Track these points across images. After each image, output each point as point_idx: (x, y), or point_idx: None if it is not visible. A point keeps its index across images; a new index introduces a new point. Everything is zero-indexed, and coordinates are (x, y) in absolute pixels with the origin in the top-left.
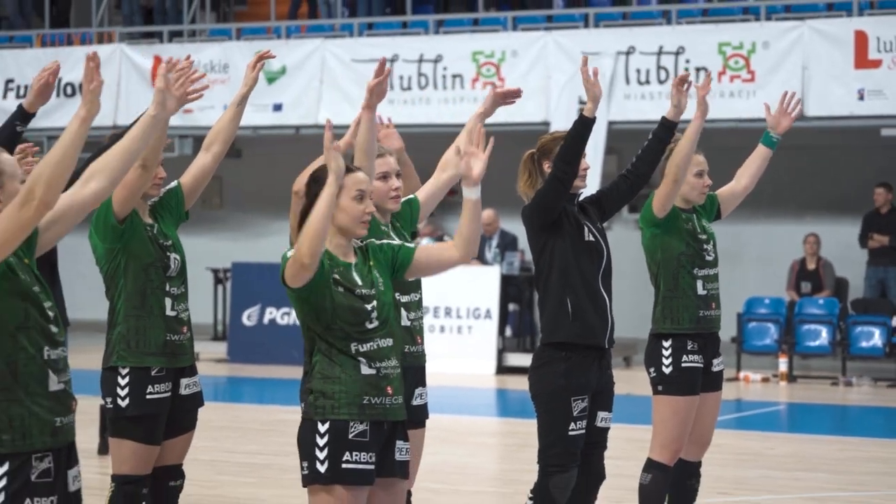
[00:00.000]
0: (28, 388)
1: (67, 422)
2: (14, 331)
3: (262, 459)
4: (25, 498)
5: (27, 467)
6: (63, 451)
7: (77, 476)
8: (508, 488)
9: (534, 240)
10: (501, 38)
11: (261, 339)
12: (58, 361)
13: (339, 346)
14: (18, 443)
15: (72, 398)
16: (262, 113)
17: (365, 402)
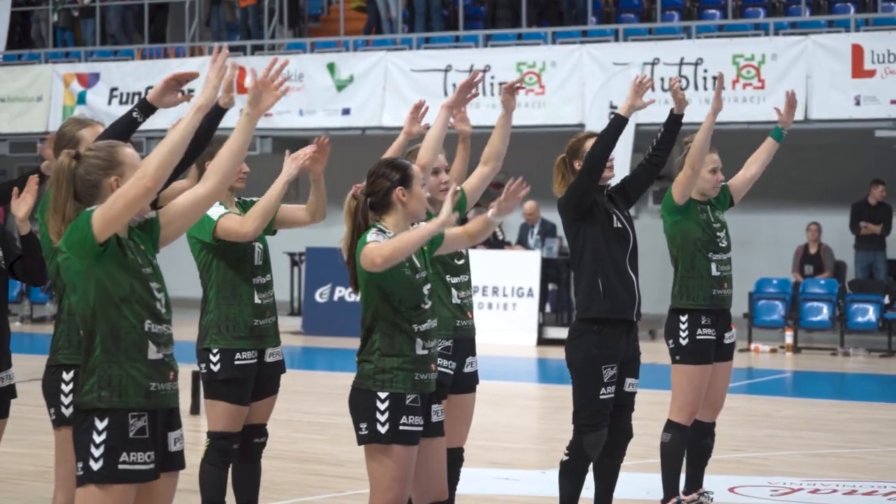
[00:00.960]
0: (128, 354)
1: (164, 388)
2: (119, 302)
3: (332, 419)
4: (122, 451)
5: (125, 424)
6: (161, 414)
7: (179, 438)
8: (548, 445)
9: (569, 228)
10: (542, 51)
11: (331, 315)
12: (160, 335)
13: (403, 327)
14: (115, 400)
15: (170, 369)
16: (332, 116)
17: (416, 379)
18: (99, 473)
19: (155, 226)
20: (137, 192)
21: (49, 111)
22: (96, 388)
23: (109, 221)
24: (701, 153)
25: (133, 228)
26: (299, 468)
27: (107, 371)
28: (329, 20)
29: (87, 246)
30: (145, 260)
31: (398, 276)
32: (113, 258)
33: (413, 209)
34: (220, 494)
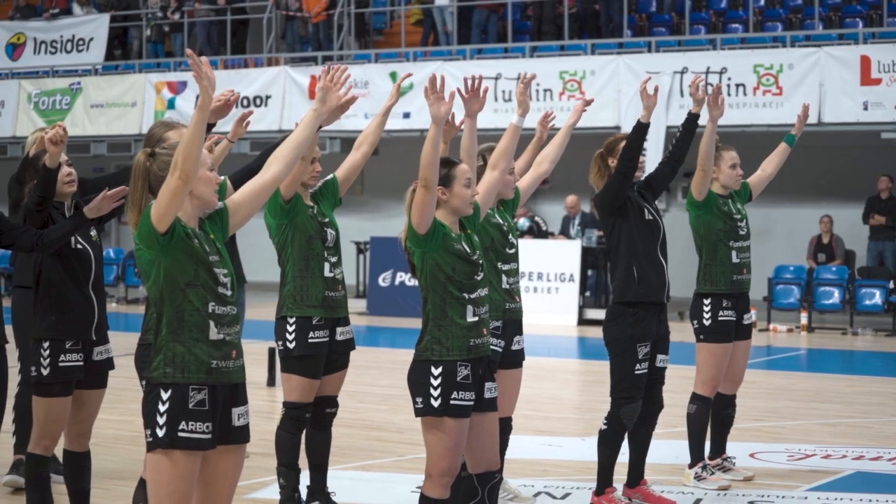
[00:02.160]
0: (191, 334)
1: (225, 366)
2: (184, 286)
3: (394, 391)
4: (182, 421)
5: (185, 396)
6: (223, 389)
7: (243, 414)
8: (587, 415)
9: (604, 221)
10: (582, 61)
11: (393, 297)
12: (223, 317)
13: (455, 295)
14: (178, 375)
15: (233, 347)
16: (394, 119)
17: (471, 344)
18: (161, 440)
19: (224, 214)
20: (175, 184)
21: (142, 115)
22: (162, 365)
23: (161, 213)
24: (708, 155)
25: (204, 220)
26: (365, 435)
27: (171, 349)
28: (392, 33)
29: (152, 236)
30: (213, 248)
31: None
32: (178, 247)
33: (454, 206)
34: (294, 458)
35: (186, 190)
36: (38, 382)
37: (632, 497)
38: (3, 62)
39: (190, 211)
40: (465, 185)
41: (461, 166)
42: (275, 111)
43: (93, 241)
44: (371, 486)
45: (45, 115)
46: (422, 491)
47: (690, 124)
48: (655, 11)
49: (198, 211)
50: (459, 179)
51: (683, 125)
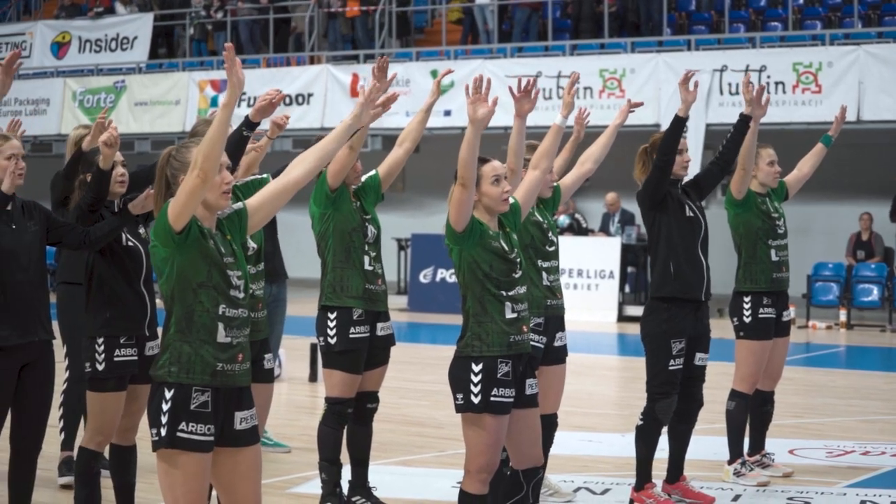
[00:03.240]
0: (199, 335)
1: (231, 369)
2: (196, 286)
3: (435, 387)
4: (182, 421)
5: (188, 397)
6: (226, 393)
7: (246, 418)
8: (626, 411)
9: (645, 217)
10: (622, 59)
11: (433, 294)
12: (233, 319)
13: (493, 292)
14: (182, 375)
15: (240, 351)
16: (435, 117)
17: (511, 340)
18: (163, 440)
19: (243, 215)
20: (193, 183)
21: (186, 113)
22: (167, 364)
23: (178, 212)
24: (749, 155)
25: (222, 220)
26: (405, 430)
27: (178, 348)
28: (432, 32)
29: (167, 234)
30: (228, 249)
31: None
32: (193, 247)
33: (485, 204)
34: (335, 453)
35: (204, 189)
36: (93, 378)
37: (671, 493)
38: (48, 61)
39: (204, 211)
40: (493, 183)
41: (486, 165)
42: (317, 109)
43: (143, 239)
44: (412, 482)
45: (90, 114)
46: (461, 486)
47: (742, 125)
48: (695, 10)
49: (212, 212)
50: (486, 178)
51: (735, 126)
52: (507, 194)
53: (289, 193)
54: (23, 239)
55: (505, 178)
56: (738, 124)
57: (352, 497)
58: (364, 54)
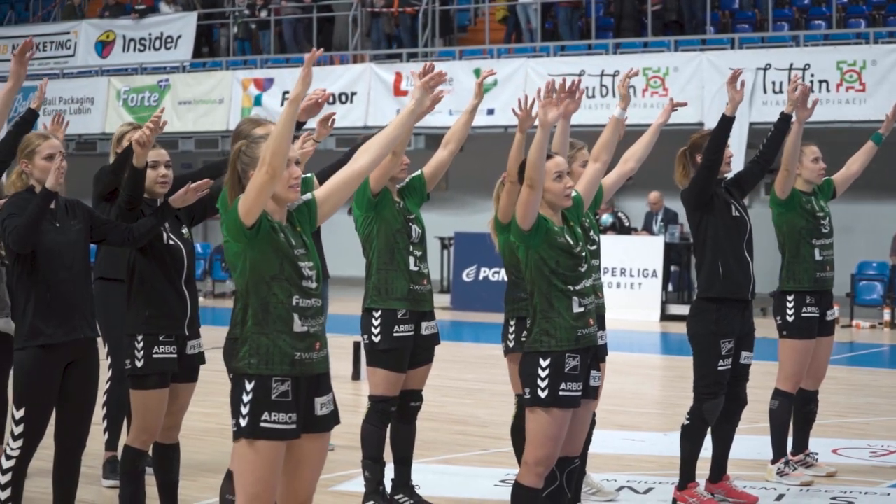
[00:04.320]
0: (275, 326)
1: (309, 357)
2: (269, 279)
3: (477, 385)
4: (264, 412)
5: (268, 387)
6: (306, 380)
7: (326, 403)
8: (669, 410)
9: (691, 217)
10: (665, 57)
11: (476, 292)
12: (307, 309)
13: (560, 287)
14: (262, 367)
15: (316, 339)
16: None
17: (579, 335)
18: (244, 430)
19: (312, 205)
20: (262, 179)
21: (229, 112)
22: (247, 356)
23: (248, 207)
24: (793, 155)
25: (292, 212)
26: (449, 428)
27: (256, 341)
28: (476, 31)
29: (239, 229)
30: (299, 241)
31: (552, 242)
32: (265, 240)
33: (548, 200)
34: (379, 451)
35: (273, 184)
36: (133, 375)
37: (714, 492)
38: (92, 60)
39: (274, 205)
40: (556, 179)
41: (549, 161)
42: (360, 108)
43: (185, 238)
44: (455, 480)
45: (134, 112)
46: (516, 478)
47: (783, 125)
48: (739, 8)
49: (281, 205)
50: (549, 174)
51: (775, 125)
52: (570, 189)
53: (356, 183)
54: (66, 237)
55: (567, 174)
56: (779, 123)
57: (395, 495)
58: (407, 53)
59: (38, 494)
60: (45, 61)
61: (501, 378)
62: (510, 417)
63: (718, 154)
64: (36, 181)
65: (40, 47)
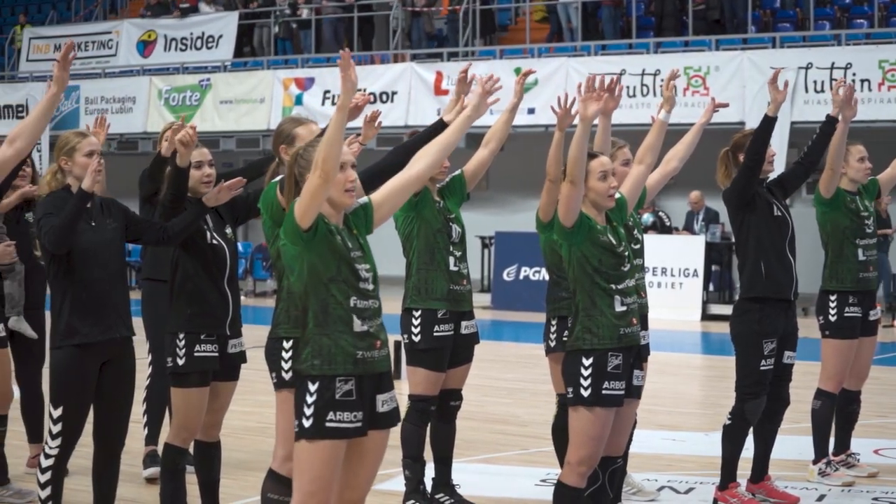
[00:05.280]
0: (336, 326)
1: (370, 356)
2: (327, 281)
3: (518, 385)
4: (329, 411)
5: (332, 388)
6: (369, 379)
7: (387, 400)
8: (710, 410)
9: (733, 216)
10: (706, 56)
11: (517, 292)
12: (364, 311)
13: (602, 286)
14: (325, 367)
15: (377, 338)
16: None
17: (622, 333)
18: (309, 430)
19: (368, 209)
20: (314, 183)
21: (270, 111)
22: (310, 357)
23: (303, 211)
24: (838, 154)
25: (348, 215)
26: (489, 428)
27: (318, 342)
28: (516, 30)
29: (296, 233)
30: (355, 243)
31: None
32: (322, 243)
33: (591, 199)
34: (419, 450)
35: (326, 188)
36: (175, 373)
37: (755, 492)
38: (134, 59)
39: (331, 209)
40: (600, 179)
41: (594, 161)
42: (401, 107)
43: (228, 238)
44: (495, 480)
45: (175, 112)
46: (559, 478)
47: (828, 127)
48: (780, 7)
49: (338, 209)
50: (594, 173)
51: (821, 128)
52: (614, 190)
53: (413, 187)
54: (102, 237)
55: (612, 174)
56: (825, 126)
57: (435, 494)
58: (448, 52)
59: (79, 493)
60: (86, 61)
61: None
62: (551, 417)
63: (760, 154)
64: (75, 178)
65: (82, 47)
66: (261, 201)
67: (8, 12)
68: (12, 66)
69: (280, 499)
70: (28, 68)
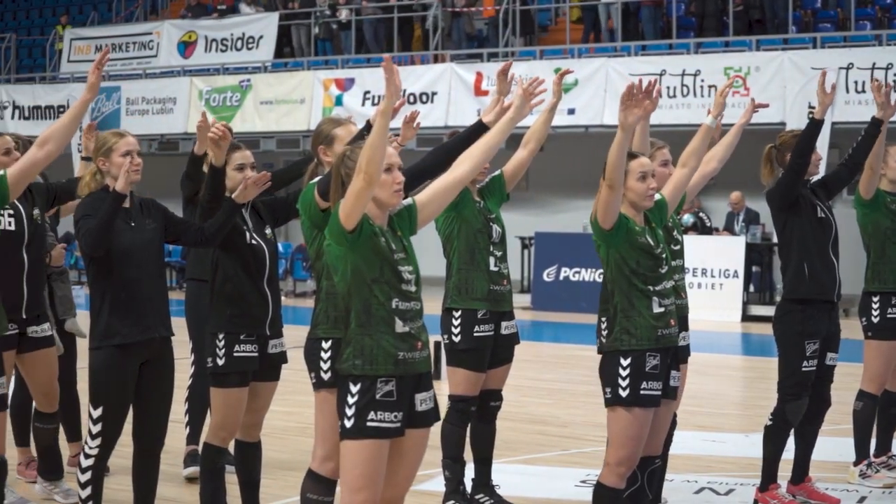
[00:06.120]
0: (378, 327)
1: (411, 357)
2: (370, 282)
3: (558, 385)
4: (370, 411)
5: (373, 388)
6: (409, 379)
7: (426, 399)
8: (750, 411)
9: (776, 217)
10: (747, 57)
11: (557, 292)
12: (406, 312)
13: (640, 287)
14: (367, 368)
15: (418, 339)
16: (559, 116)
17: (659, 334)
18: (351, 430)
19: (413, 211)
20: (358, 186)
21: (310, 112)
22: (351, 357)
23: (348, 213)
24: (876, 156)
25: (393, 216)
26: (529, 428)
27: (360, 342)
28: (556, 30)
29: (340, 234)
30: (399, 245)
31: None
32: (366, 244)
33: (631, 200)
34: (458, 450)
35: (370, 191)
36: (215, 373)
37: (796, 494)
38: (175, 60)
39: (376, 210)
40: (640, 179)
41: (634, 161)
42: (441, 107)
43: (267, 239)
44: (535, 480)
45: (216, 112)
46: (598, 479)
47: (873, 129)
48: (820, 7)
49: (383, 210)
50: (633, 174)
51: (866, 130)
52: (653, 190)
53: (456, 189)
54: (141, 237)
55: (652, 175)
56: (870, 128)
57: (475, 495)
58: (488, 53)
59: (120, 492)
60: (127, 62)
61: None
62: (591, 417)
63: (806, 157)
64: (113, 178)
65: (123, 48)
66: (299, 202)
67: (49, 13)
68: (53, 67)
69: (320, 499)
70: (69, 69)
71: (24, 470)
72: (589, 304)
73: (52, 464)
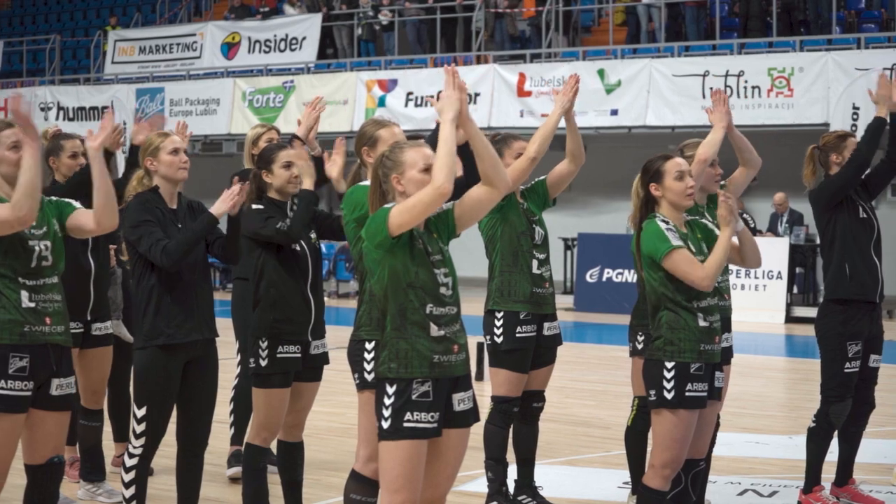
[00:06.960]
0: (413, 331)
1: (447, 360)
2: (406, 287)
3: (601, 387)
4: (406, 412)
5: (409, 389)
6: (445, 381)
7: (464, 399)
8: (794, 413)
9: (819, 217)
10: (791, 57)
11: (600, 293)
12: (441, 317)
13: (685, 304)
14: (402, 370)
15: (454, 343)
16: (602, 116)
17: (702, 349)
18: (388, 431)
19: (450, 216)
20: (434, 197)
21: (353, 113)
22: (387, 360)
23: (406, 221)
24: None
25: (430, 218)
26: (571, 430)
27: (395, 346)
28: (599, 31)
29: (382, 238)
30: (436, 248)
31: None
32: (404, 249)
33: (670, 200)
34: (501, 452)
35: (440, 204)
36: (257, 373)
37: (840, 496)
38: (218, 61)
39: None
40: (677, 178)
41: (669, 162)
42: (483, 108)
43: (311, 243)
44: (578, 482)
45: (259, 113)
46: (642, 480)
47: None
48: (865, 8)
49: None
50: (670, 174)
51: None
52: (692, 189)
53: (495, 200)
54: None
55: (689, 175)
56: None
57: (518, 496)
58: (530, 53)
59: (164, 492)
60: (171, 63)
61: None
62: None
63: (869, 156)
64: (161, 178)
65: (167, 49)
66: (344, 203)
67: (93, 14)
68: (98, 69)
69: (363, 499)
70: (113, 70)
71: (68, 469)
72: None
73: (95, 465)
